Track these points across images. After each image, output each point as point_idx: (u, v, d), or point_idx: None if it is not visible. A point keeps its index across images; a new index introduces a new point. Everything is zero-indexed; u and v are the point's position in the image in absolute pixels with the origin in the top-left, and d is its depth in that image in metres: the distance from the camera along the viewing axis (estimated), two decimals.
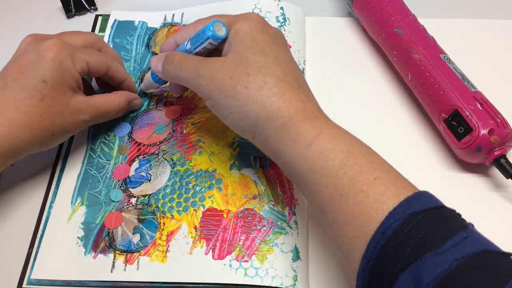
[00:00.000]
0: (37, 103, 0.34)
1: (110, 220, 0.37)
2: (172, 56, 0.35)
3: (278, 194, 0.37)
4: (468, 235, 0.25)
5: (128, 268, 0.35)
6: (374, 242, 0.25)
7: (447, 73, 0.40)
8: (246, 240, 0.35)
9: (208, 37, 0.34)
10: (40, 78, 0.34)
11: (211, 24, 0.34)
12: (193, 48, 0.35)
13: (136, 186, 0.39)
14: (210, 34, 0.34)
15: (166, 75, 0.36)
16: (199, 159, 0.40)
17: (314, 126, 0.30)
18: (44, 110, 0.34)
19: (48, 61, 0.35)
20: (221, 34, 0.34)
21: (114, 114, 0.40)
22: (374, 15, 0.46)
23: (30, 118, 0.34)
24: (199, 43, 0.35)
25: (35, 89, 0.34)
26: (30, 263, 0.36)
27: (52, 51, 0.35)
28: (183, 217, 0.37)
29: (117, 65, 0.40)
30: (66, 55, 0.35)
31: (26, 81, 0.34)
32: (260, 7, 0.49)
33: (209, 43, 0.34)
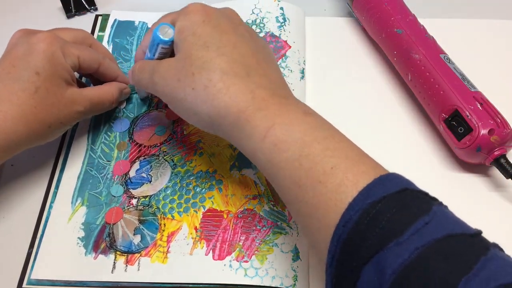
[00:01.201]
0: (31, 95, 0.34)
1: (111, 215, 0.37)
2: (135, 65, 0.36)
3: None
4: (431, 219, 0.24)
5: (129, 268, 0.35)
6: (336, 236, 0.25)
7: (447, 73, 0.40)
8: (246, 241, 0.35)
9: (158, 42, 0.33)
10: (32, 70, 0.34)
11: (156, 29, 0.33)
12: (152, 55, 0.35)
13: (137, 187, 0.39)
14: (158, 39, 0.33)
15: (135, 83, 0.37)
16: (200, 160, 0.40)
17: (266, 117, 0.29)
18: (38, 102, 0.34)
19: (40, 53, 0.34)
20: (168, 37, 0.33)
21: (108, 105, 0.40)
22: (374, 15, 0.46)
23: (25, 111, 0.34)
24: (154, 50, 0.35)
25: (28, 81, 0.34)
26: (30, 263, 0.36)
27: (43, 43, 0.35)
28: (184, 218, 0.37)
29: (109, 62, 0.40)
30: (57, 47, 0.35)
31: (18, 74, 0.34)
32: (260, 7, 0.49)
33: (161, 47, 0.34)
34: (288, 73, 0.44)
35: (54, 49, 0.35)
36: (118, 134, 0.42)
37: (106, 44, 0.48)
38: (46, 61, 0.34)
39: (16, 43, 0.35)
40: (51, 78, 0.35)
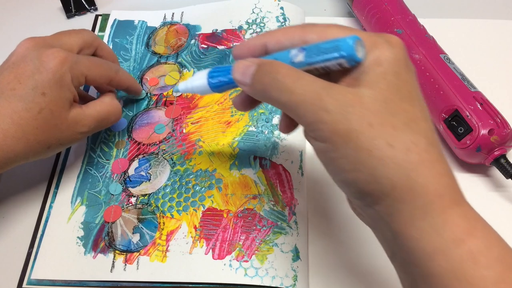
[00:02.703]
0: (34, 115, 0.33)
1: (109, 213, 0.37)
2: (274, 68, 0.25)
3: (278, 194, 0.37)
4: None
5: (128, 268, 0.34)
6: None
7: (447, 73, 0.40)
8: (246, 240, 0.35)
9: (342, 56, 0.24)
10: (39, 90, 0.33)
11: (352, 40, 0.24)
12: (306, 63, 0.26)
13: (136, 185, 0.39)
14: (347, 53, 0.24)
15: (256, 90, 0.26)
16: (199, 159, 0.39)
17: (465, 216, 0.23)
18: (41, 124, 0.33)
19: (49, 73, 0.33)
20: (361, 56, 0.25)
21: (115, 119, 0.38)
22: (374, 15, 0.46)
23: (26, 131, 0.33)
24: (321, 59, 0.25)
25: (33, 101, 0.33)
26: (30, 263, 0.36)
27: (53, 63, 0.33)
28: (183, 217, 0.37)
29: (121, 75, 0.39)
30: (67, 68, 0.34)
31: (24, 92, 0.33)
32: (260, 7, 0.49)
33: (338, 63, 0.25)
34: None
35: (64, 71, 0.34)
36: (117, 132, 0.42)
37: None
38: (54, 82, 0.33)
39: (25, 56, 0.34)
40: (56, 100, 0.34)
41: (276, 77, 0.25)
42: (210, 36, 0.48)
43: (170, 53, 0.47)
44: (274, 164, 0.39)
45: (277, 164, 0.39)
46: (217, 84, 0.30)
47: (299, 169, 0.39)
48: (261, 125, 0.41)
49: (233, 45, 0.47)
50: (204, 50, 0.47)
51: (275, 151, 0.39)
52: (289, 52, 0.26)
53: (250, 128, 0.41)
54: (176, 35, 0.49)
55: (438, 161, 0.24)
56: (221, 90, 0.30)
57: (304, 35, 0.26)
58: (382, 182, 0.23)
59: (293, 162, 0.39)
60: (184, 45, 0.48)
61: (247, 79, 0.26)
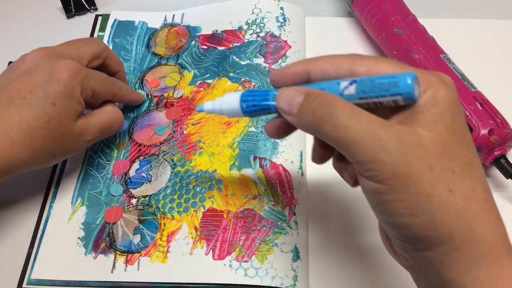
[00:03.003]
0: (43, 125, 0.33)
1: (110, 214, 0.37)
2: (329, 101, 0.24)
3: (278, 194, 0.37)
4: None
5: (128, 268, 0.35)
6: None
7: (447, 73, 0.40)
8: (246, 240, 0.35)
9: (400, 93, 0.23)
10: (50, 100, 0.33)
11: (411, 78, 0.23)
12: (358, 97, 0.24)
13: (137, 186, 0.39)
14: (406, 91, 0.23)
15: (305, 121, 0.25)
16: (199, 160, 0.40)
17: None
18: (48, 133, 0.33)
19: (60, 84, 0.33)
20: (417, 94, 0.23)
21: (118, 127, 0.39)
22: (374, 15, 0.46)
23: (33, 139, 0.33)
24: (375, 94, 0.24)
25: (42, 111, 0.33)
26: (30, 263, 0.36)
27: (65, 74, 0.34)
28: (184, 218, 0.37)
29: (124, 91, 0.40)
30: (78, 81, 0.34)
31: (35, 101, 0.33)
32: (260, 7, 0.49)
33: (394, 100, 0.24)
34: None
35: (75, 83, 0.34)
36: (117, 133, 0.42)
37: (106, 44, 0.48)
38: (64, 93, 0.34)
39: (37, 66, 0.34)
40: (65, 111, 0.34)
41: (332, 111, 0.23)
42: (210, 37, 0.48)
43: (171, 54, 0.47)
44: (274, 164, 0.39)
45: (277, 164, 0.39)
46: (251, 109, 0.28)
47: (299, 169, 0.39)
48: (261, 126, 0.41)
49: (234, 45, 0.47)
50: (204, 51, 0.47)
51: (275, 151, 0.39)
52: (338, 84, 0.25)
53: (250, 129, 0.41)
54: (176, 37, 0.49)
55: (494, 210, 0.23)
56: (254, 115, 0.29)
57: (353, 67, 0.25)
58: (440, 229, 0.22)
59: (293, 162, 0.39)
60: (185, 46, 0.48)
61: (294, 109, 0.25)
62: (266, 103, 0.27)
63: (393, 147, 0.22)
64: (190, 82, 0.45)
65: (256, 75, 0.44)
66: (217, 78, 0.45)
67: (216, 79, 0.45)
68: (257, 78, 0.44)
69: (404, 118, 0.24)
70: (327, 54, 0.51)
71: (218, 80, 0.44)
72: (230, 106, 0.29)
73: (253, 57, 0.45)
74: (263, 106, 0.27)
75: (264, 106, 0.27)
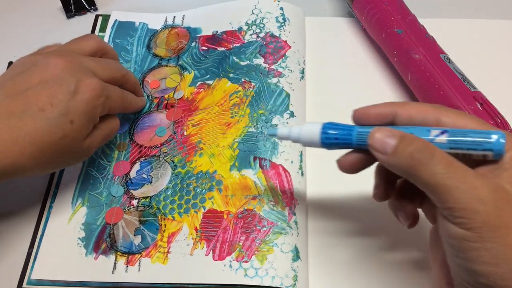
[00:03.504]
0: (56, 141, 0.32)
1: (111, 215, 0.37)
2: (429, 147, 0.25)
3: (278, 194, 0.37)
4: None
5: (129, 269, 0.35)
6: None
7: (447, 73, 0.40)
8: (246, 241, 0.35)
9: (491, 148, 0.25)
10: (69, 117, 0.32)
11: (502, 136, 0.25)
12: (449, 146, 0.26)
13: (138, 188, 0.39)
14: (498, 147, 0.25)
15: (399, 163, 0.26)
16: (200, 161, 0.40)
17: None
18: (59, 149, 0.33)
19: (83, 103, 0.33)
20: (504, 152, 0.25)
21: (115, 133, 0.39)
22: (374, 15, 0.46)
23: (42, 153, 0.32)
24: (466, 147, 0.25)
25: (59, 127, 0.32)
26: (30, 263, 0.36)
27: (90, 94, 0.33)
28: (184, 219, 0.37)
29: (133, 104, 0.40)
30: (100, 103, 0.34)
31: (53, 116, 0.32)
32: (260, 8, 0.49)
33: (483, 155, 0.25)
34: (288, 73, 0.45)
35: (97, 104, 0.34)
36: (118, 135, 0.42)
37: None
38: (85, 113, 0.33)
39: (61, 79, 0.33)
40: (81, 130, 0.33)
41: (430, 157, 0.24)
42: (211, 38, 0.48)
43: (171, 55, 0.47)
44: (274, 164, 0.39)
45: (277, 164, 0.39)
46: (331, 142, 0.29)
47: (299, 169, 0.39)
48: (260, 126, 0.41)
49: (234, 46, 0.47)
50: (204, 52, 0.47)
51: (275, 152, 0.39)
52: (429, 131, 0.26)
53: (250, 129, 0.41)
54: (177, 38, 0.49)
55: None
56: (332, 148, 0.29)
57: (439, 117, 0.27)
58: None
59: (293, 162, 0.39)
60: (185, 47, 0.48)
61: (388, 149, 0.26)
62: (349, 139, 0.28)
63: (488, 198, 0.23)
64: (190, 83, 0.45)
65: (256, 76, 0.44)
66: (217, 79, 0.45)
67: (216, 80, 0.45)
68: (257, 78, 0.44)
69: (489, 172, 0.25)
70: (327, 54, 0.51)
71: (218, 81, 0.45)
72: (309, 137, 0.29)
73: (253, 58, 0.46)
74: (346, 141, 0.28)
75: (346, 141, 0.28)
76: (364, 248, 0.36)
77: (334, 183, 0.40)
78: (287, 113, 0.42)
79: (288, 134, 0.30)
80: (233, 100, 0.43)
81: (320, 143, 0.29)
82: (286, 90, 0.43)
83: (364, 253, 0.36)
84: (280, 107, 0.42)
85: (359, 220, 0.38)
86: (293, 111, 0.42)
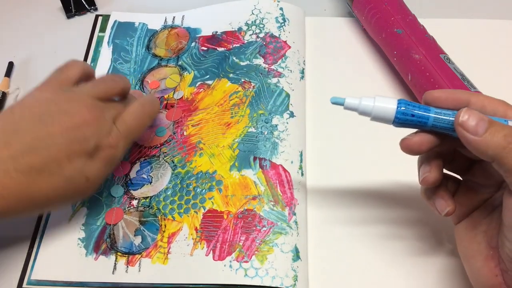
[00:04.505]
0: (67, 195, 0.32)
1: (111, 216, 0.37)
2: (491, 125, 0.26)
3: (278, 194, 0.37)
4: None
5: (129, 269, 0.35)
6: None
7: (447, 73, 0.40)
8: (246, 241, 0.35)
9: None
10: (85, 173, 0.32)
11: None
12: None
13: (138, 188, 0.39)
14: None
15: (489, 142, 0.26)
16: (200, 161, 0.40)
17: None
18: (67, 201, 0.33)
19: (102, 160, 0.33)
20: None
21: None
22: (374, 15, 0.46)
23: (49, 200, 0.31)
24: None
25: (72, 182, 0.31)
26: (30, 263, 0.36)
27: (111, 151, 0.33)
28: (184, 219, 0.37)
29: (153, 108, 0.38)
30: (121, 156, 0.34)
31: (69, 172, 0.31)
32: (260, 8, 0.49)
33: None
34: (287, 73, 0.45)
35: (118, 158, 0.34)
36: None
37: (106, 45, 0.48)
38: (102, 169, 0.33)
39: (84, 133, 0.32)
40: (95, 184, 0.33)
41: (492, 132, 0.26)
42: (210, 38, 0.48)
43: (171, 56, 0.47)
44: (274, 164, 0.39)
45: (277, 165, 0.39)
46: (406, 118, 0.28)
47: (299, 169, 0.39)
48: (260, 126, 0.41)
49: (233, 46, 0.47)
50: (204, 53, 0.47)
51: (275, 152, 0.39)
52: (506, 122, 0.27)
53: (250, 129, 0.41)
54: (176, 38, 0.49)
55: None
56: (403, 125, 0.28)
57: (507, 111, 0.28)
58: None
59: (293, 162, 0.39)
60: (185, 48, 0.48)
61: (480, 131, 0.26)
62: (426, 117, 0.28)
63: None
64: (190, 83, 0.45)
65: (255, 76, 0.44)
66: (217, 79, 0.45)
67: (216, 80, 0.45)
68: (256, 78, 0.44)
69: None
70: (327, 54, 0.51)
71: (218, 81, 0.45)
72: (382, 111, 0.28)
73: (253, 58, 0.46)
74: (422, 119, 0.28)
75: (422, 119, 0.28)
76: (364, 248, 0.36)
77: (334, 183, 0.40)
78: (287, 113, 0.42)
79: (357, 104, 0.28)
80: (233, 100, 0.43)
81: (394, 118, 0.28)
82: (286, 90, 0.43)
83: (364, 253, 0.36)
84: (280, 107, 0.42)
85: (359, 220, 0.38)
86: (293, 111, 0.42)
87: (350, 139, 0.42)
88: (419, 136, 0.29)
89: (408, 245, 0.36)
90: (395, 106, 0.28)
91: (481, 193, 0.31)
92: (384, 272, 0.35)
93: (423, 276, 0.35)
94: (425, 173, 0.30)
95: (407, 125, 0.28)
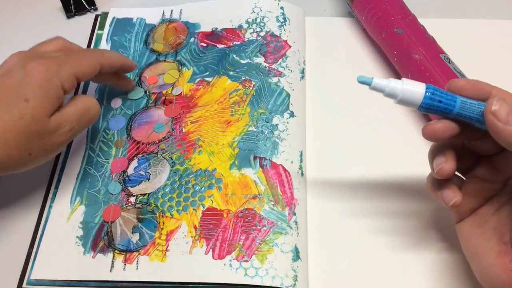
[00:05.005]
0: (15, 121, 0.32)
1: (108, 213, 0.37)
2: None
3: (278, 194, 0.37)
4: None
5: (127, 267, 0.34)
6: None
7: (447, 73, 0.40)
8: (246, 240, 0.35)
9: None
10: (22, 97, 0.33)
11: None
12: None
13: (135, 185, 0.38)
14: None
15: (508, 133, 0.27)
16: (199, 158, 0.39)
17: None
18: (22, 129, 0.32)
19: (33, 80, 0.33)
20: None
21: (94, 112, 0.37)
22: (374, 15, 0.46)
23: (6, 137, 0.32)
24: None
25: (16, 107, 0.32)
26: (30, 263, 0.36)
27: (38, 70, 0.34)
28: (183, 217, 0.36)
29: (109, 55, 0.39)
30: (53, 74, 0.34)
31: (8, 100, 0.32)
32: (260, 7, 0.49)
33: None
34: (288, 73, 0.44)
35: (49, 77, 0.34)
36: (116, 131, 0.42)
37: (105, 42, 0.48)
38: (38, 88, 0.33)
39: (11, 70, 0.34)
40: (39, 106, 0.33)
41: None
42: (210, 35, 0.48)
43: (169, 51, 0.47)
44: (274, 164, 0.38)
45: (277, 164, 0.38)
46: (433, 104, 0.28)
47: (299, 169, 0.39)
48: (261, 125, 0.41)
49: (234, 44, 0.47)
50: (203, 49, 0.47)
51: (275, 151, 0.39)
52: None
53: (250, 128, 0.41)
54: (175, 33, 0.48)
55: None
56: (428, 111, 0.28)
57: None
58: None
59: (293, 162, 0.39)
60: (184, 43, 0.47)
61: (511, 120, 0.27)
62: (452, 104, 0.28)
63: None
64: (189, 80, 0.45)
65: (256, 75, 0.44)
66: (216, 76, 0.44)
67: (216, 77, 0.44)
68: (257, 77, 0.44)
69: None
70: (327, 54, 0.50)
71: (217, 78, 0.44)
72: (410, 94, 0.28)
73: (253, 56, 0.45)
74: (448, 106, 0.28)
75: (449, 106, 0.28)
76: (365, 248, 0.36)
77: (334, 183, 0.39)
78: (287, 113, 0.42)
79: (386, 85, 0.28)
80: (233, 98, 0.43)
81: (421, 102, 0.28)
82: (286, 90, 0.43)
83: (364, 253, 0.36)
84: (280, 107, 0.42)
85: (359, 220, 0.38)
86: (293, 111, 0.42)
87: (350, 139, 0.42)
88: (442, 123, 0.29)
89: (409, 246, 0.36)
90: (423, 90, 0.28)
91: (486, 190, 0.30)
92: (384, 272, 0.35)
93: (423, 276, 0.35)
94: (441, 163, 0.29)
95: (432, 111, 0.28)
